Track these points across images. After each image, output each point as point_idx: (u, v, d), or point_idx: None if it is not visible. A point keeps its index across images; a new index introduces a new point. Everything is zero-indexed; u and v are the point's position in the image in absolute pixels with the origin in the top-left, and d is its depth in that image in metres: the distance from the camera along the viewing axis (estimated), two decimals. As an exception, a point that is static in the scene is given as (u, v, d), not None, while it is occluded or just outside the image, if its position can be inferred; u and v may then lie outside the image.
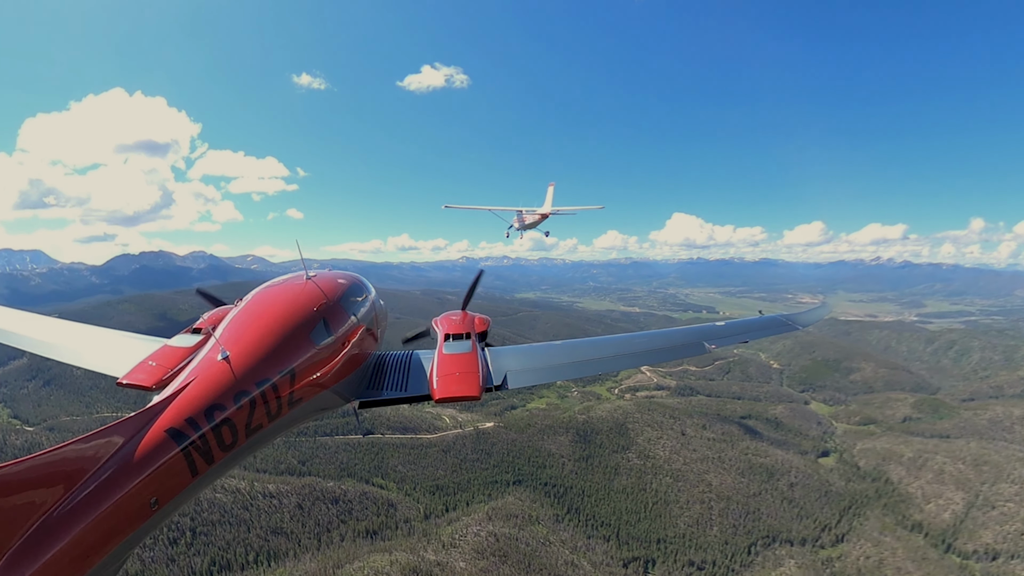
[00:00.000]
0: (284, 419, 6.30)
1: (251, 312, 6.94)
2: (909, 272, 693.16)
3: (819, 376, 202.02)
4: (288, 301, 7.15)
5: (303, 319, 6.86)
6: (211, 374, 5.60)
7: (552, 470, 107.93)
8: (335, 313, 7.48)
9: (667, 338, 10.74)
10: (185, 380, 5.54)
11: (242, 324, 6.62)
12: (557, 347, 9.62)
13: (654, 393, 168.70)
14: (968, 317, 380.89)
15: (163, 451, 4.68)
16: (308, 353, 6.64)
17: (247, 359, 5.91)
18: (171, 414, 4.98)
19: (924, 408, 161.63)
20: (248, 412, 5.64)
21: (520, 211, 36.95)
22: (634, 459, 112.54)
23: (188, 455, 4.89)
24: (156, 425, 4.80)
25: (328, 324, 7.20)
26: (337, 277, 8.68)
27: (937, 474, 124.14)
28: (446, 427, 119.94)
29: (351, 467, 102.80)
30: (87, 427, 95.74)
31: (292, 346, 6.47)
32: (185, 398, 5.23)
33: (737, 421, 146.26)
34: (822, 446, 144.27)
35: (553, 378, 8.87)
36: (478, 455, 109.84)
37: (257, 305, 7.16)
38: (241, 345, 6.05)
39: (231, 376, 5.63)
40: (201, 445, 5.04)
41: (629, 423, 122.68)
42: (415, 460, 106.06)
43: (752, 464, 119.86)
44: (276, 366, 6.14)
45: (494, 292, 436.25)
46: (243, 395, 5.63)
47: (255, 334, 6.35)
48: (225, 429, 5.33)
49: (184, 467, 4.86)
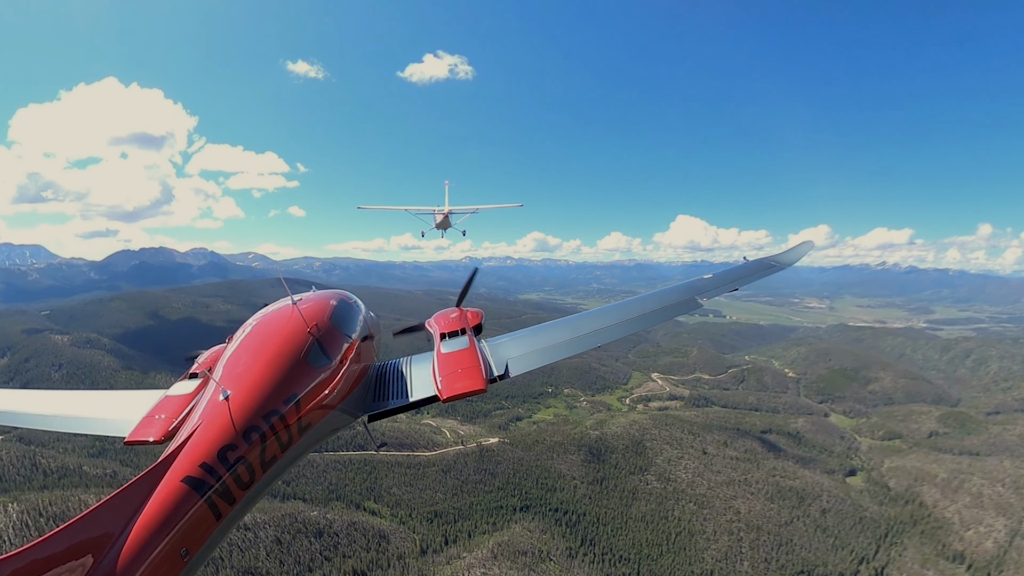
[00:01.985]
0: (297, 446, 6.21)
1: (245, 348, 6.73)
2: (916, 277, 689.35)
3: (837, 386, 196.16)
4: (279, 330, 6.93)
5: (298, 345, 6.69)
6: (216, 416, 5.50)
7: (563, 494, 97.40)
8: (328, 334, 7.28)
9: (660, 298, 10.43)
10: (192, 427, 5.47)
11: (238, 361, 6.45)
12: (553, 326, 9.58)
13: (668, 404, 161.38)
14: (978, 324, 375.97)
15: (185, 502, 4.61)
16: (308, 378, 6.54)
17: (249, 395, 5.81)
18: (185, 463, 4.90)
19: (950, 422, 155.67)
20: (260, 447, 5.56)
21: (435, 211, 36.86)
22: (653, 482, 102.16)
23: (210, 501, 4.83)
24: (171, 476, 4.73)
25: (323, 346, 7.04)
26: (323, 297, 8.38)
27: (975, 497, 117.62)
28: (446, 443, 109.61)
29: (341, 488, 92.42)
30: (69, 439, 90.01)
31: (292, 374, 6.35)
32: (195, 445, 5.14)
33: (758, 436, 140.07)
34: (848, 463, 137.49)
35: (554, 357, 8.63)
36: (481, 475, 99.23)
37: (250, 340, 6.92)
38: (241, 382, 5.95)
39: (237, 415, 5.54)
40: (220, 488, 4.97)
41: (646, 440, 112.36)
42: (412, 481, 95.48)
43: (781, 487, 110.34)
44: (279, 396, 6.03)
45: (497, 293, 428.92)
46: (253, 431, 5.55)
47: (253, 369, 6.22)
48: (241, 468, 5.26)
49: (208, 513, 4.79)
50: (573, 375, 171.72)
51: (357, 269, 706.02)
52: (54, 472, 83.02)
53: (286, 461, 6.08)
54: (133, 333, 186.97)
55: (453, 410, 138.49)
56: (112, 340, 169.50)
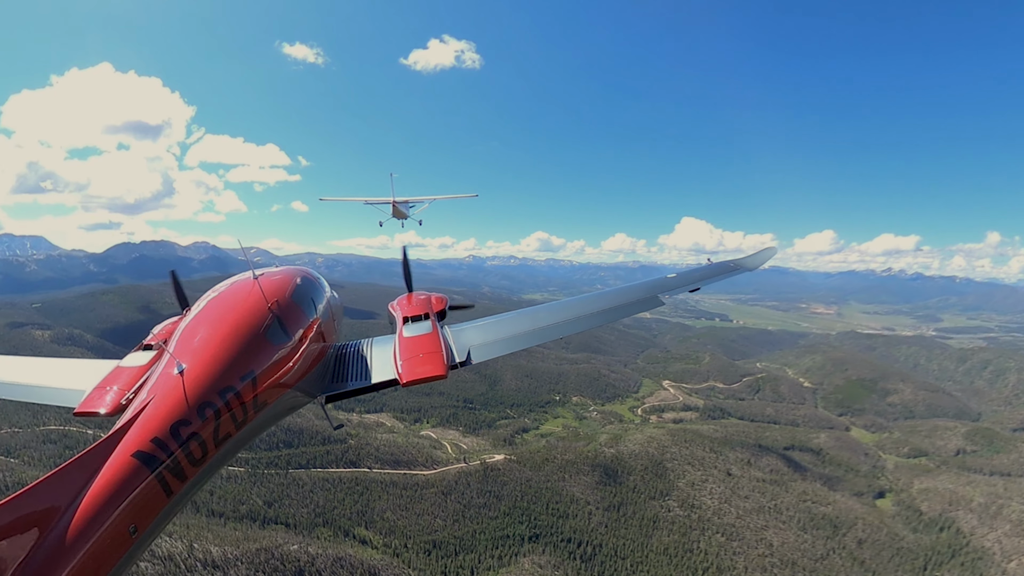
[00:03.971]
0: (252, 424, 6.04)
1: (202, 320, 6.47)
2: (922, 285, 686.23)
3: (856, 398, 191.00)
4: (238, 304, 6.70)
5: (257, 321, 6.45)
6: (170, 390, 5.32)
7: (577, 521, 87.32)
8: (289, 310, 7.04)
9: (623, 294, 10.45)
10: (144, 400, 5.28)
11: (194, 334, 6.19)
12: (516, 316, 9.57)
13: (682, 415, 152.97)
14: (988, 334, 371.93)
15: (134, 477, 4.50)
16: (266, 355, 6.34)
17: (205, 369, 5.62)
18: (135, 437, 4.76)
19: (977, 439, 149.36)
20: (214, 423, 5.40)
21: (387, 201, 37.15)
22: (676, 509, 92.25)
23: (160, 476, 4.71)
24: (121, 451, 4.60)
25: (283, 323, 6.80)
26: (286, 273, 8.02)
27: (1015, 525, 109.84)
28: (447, 460, 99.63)
29: (328, 511, 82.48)
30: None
31: (249, 350, 6.14)
32: (147, 419, 4.97)
33: (781, 453, 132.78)
34: (876, 484, 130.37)
35: (516, 347, 8.51)
36: (485, 499, 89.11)
37: (207, 312, 6.66)
38: (197, 356, 5.75)
39: (191, 389, 5.37)
40: (171, 464, 4.84)
41: (666, 460, 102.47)
42: (408, 504, 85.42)
43: (813, 515, 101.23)
44: (236, 372, 5.85)
45: (501, 292, 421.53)
46: (207, 407, 5.39)
47: (209, 342, 5.99)
48: (193, 444, 5.12)
49: (158, 489, 4.68)
50: (582, 382, 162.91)
51: (360, 266, 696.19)
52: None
53: (241, 439, 5.89)
54: (123, 328, 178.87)
55: (455, 420, 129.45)
56: (96, 335, 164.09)
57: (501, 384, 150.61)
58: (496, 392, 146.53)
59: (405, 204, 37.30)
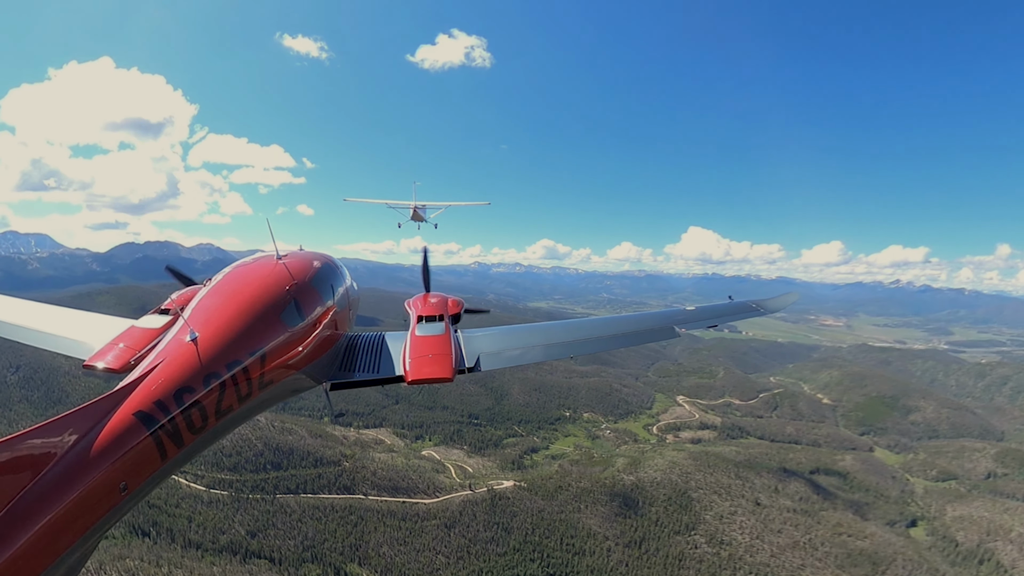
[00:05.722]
0: (255, 401, 6.07)
1: (221, 292, 6.58)
2: (931, 297, 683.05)
3: (877, 416, 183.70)
4: (259, 282, 6.79)
5: (274, 300, 6.53)
6: (180, 356, 5.35)
7: (595, 559, 78.65)
8: (307, 294, 7.12)
9: (638, 322, 10.46)
10: (153, 362, 5.30)
11: (212, 305, 6.28)
12: (529, 329, 9.53)
13: (699, 434, 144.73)
14: (1000, 347, 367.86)
15: (132, 435, 4.51)
16: (279, 335, 6.37)
17: (217, 341, 5.65)
18: (139, 397, 4.79)
19: (1008, 462, 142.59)
20: (218, 394, 5.43)
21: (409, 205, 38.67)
22: (704, 545, 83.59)
23: (157, 439, 4.73)
24: (124, 408, 4.63)
25: (299, 305, 6.87)
26: (309, 258, 8.15)
27: None
28: (451, 486, 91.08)
29: (318, 545, 74.20)
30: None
31: (263, 327, 6.17)
32: (153, 381, 5.01)
33: (807, 478, 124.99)
34: (907, 511, 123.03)
35: (526, 360, 8.54)
36: (493, 532, 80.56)
37: (227, 285, 6.81)
38: (211, 326, 5.78)
39: (200, 358, 5.40)
40: (171, 428, 4.86)
41: (691, 489, 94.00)
42: (407, 538, 76.97)
43: (850, 550, 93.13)
44: (246, 348, 5.87)
45: (506, 300, 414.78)
46: (213, 377, 5.42)
47: (225, 315, 6.04)
48: (195, 412, 5.15)
49: (153, 451, 4.69)
50: (592, 397, 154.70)
51: (365, 271, 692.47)
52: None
53: (242, 414, 5.93)
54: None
55: (459, 437, 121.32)
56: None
57: (508, 398, 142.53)
58: (503, 407, 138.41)
59: (424, 209, 38.31)
